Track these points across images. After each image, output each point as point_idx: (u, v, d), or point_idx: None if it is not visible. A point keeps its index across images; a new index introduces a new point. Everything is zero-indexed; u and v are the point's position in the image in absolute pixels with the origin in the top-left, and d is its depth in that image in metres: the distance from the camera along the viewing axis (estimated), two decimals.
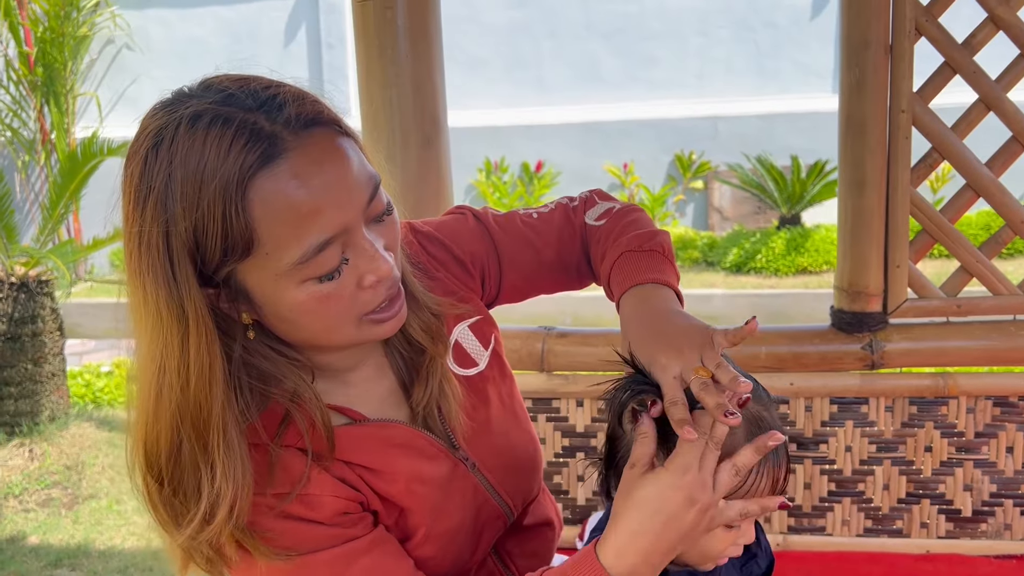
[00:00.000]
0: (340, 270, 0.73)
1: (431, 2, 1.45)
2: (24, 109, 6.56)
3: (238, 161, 0.68)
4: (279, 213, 0.69)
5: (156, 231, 0.70)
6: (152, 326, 0.72)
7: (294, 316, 0.75)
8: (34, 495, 3.19)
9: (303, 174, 0.70)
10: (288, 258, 0.71)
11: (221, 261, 0.71)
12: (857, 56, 1.47)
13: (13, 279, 3.45)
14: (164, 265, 0.70)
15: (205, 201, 0.69)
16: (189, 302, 0.71)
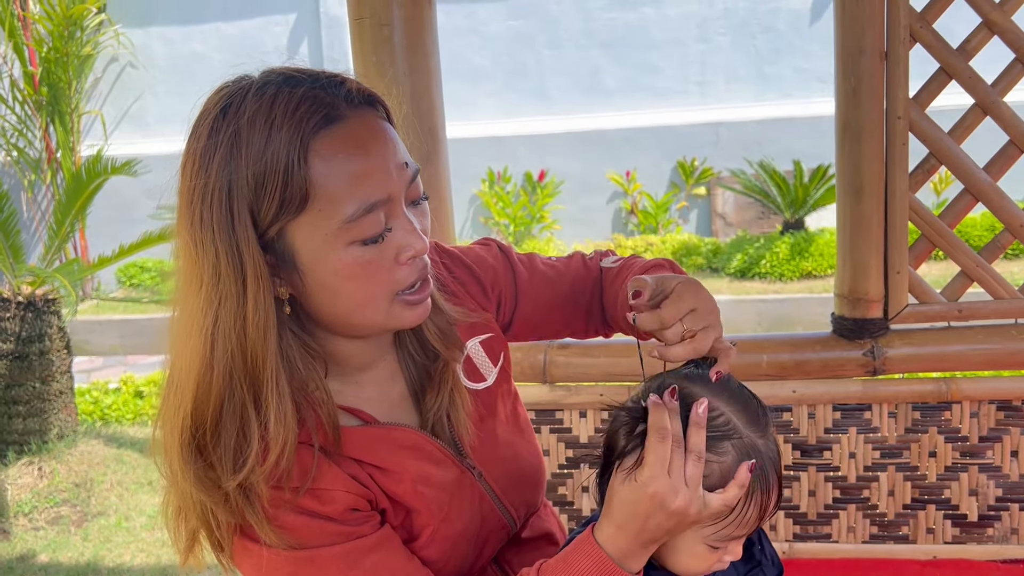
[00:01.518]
0: (383, 236, 0.78)
1: (428, 18, 1.46)
2: (30, 128, 6.61)
3: (302, 121, 0.75)
4: (335, 171, 0.75)
5: (219, 185, 0.74)
6: (208, 278, 0.75)
7: (336, 281, 0.78)
8: (43, 513, 3.20)
9: (359, 140, 0.77)
10: (339, 215, 0.75)
11: (276, 216, 0.75)
12: (852, 63, 1.48)
13: (20, 298, 3.48)
14: (225, 217, 0.74)
15: (269, 152, 0.74)
16: (248, 253, 0.75)
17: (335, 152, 0.75)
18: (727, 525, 0.84)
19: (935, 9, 1.48)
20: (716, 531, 0.84)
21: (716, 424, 0.84)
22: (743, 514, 0.84)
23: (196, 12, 7.18)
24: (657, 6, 6.81)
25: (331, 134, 0.76)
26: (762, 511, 0.85)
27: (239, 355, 0.76)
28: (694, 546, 0.86)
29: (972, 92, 1.49)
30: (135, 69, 7.28)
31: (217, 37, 7.23)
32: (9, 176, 6.91)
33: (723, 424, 0.84)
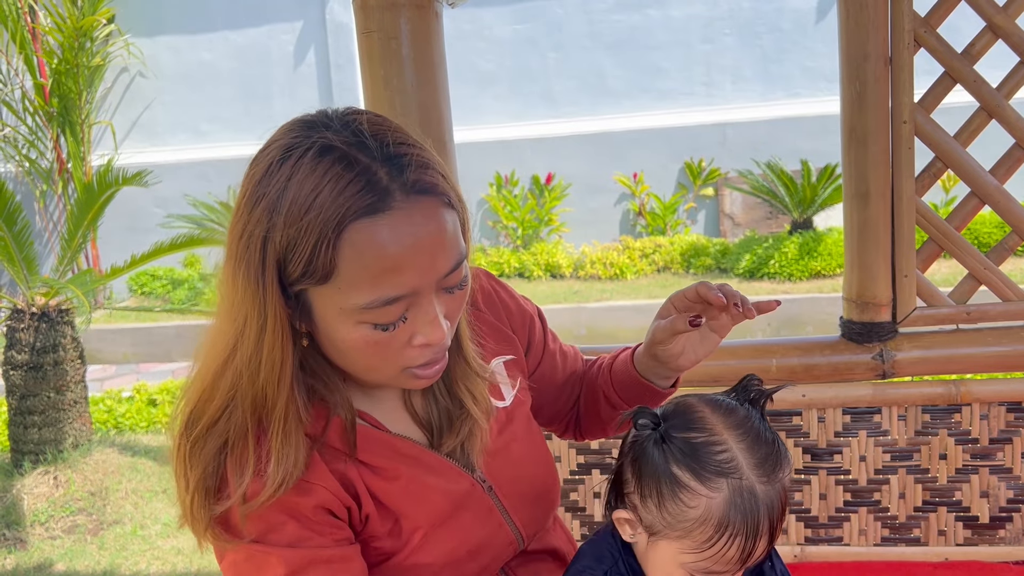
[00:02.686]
0: (396, 325, 0.78)
1: (435, 31, 1.48)
2: (41, 140, 6.67)
3: (346, 203, 0.74)
4: (364, 260, 0.75)
5: (258, 233, 0.76)
6: (236, 312, 0.79)
7: (343, 348, 0.80)
8: (59, 522, 3.23)
9: (399, 234, 0.75)
10: (356, 300, 0.76)
11: (298, 279, 0.77)
12: (857, 69, 1.48)
13: (34, 309, 3.51)
14: (257, 265, 0.77)
15: (304, 224, 0.74)
16: (270, 304, 0.77)
17: (368, 244, 0.74)
18: (705, 557, 0.83)
19: (939, 14, 1.49)
20: (695, 560, 0.84)
21: (718, 460, 0.83)
22: (723, 550, 0.83)
23: (203, 21, 7.23)
24: (662, 7, 6.82)
25: (370, 224, 0.74)
26: (744, 555, 0.84)
27: (249, 392, 0.80)
28: (672, 568, 0.86)
29: (977, 96, 1.49)
30: (144, 79, 7.33)
31: (224, 45, 7.28)
32: (22, 186, 6.97)
33: (725, 461, 0.83)
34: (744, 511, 0.82)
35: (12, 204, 3.47)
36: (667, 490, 0.84)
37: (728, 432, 0.84)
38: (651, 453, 0.85)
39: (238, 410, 0.80)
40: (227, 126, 7.38)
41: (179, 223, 6.19)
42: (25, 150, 6.67)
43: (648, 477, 0.85)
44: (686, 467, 0.83)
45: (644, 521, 0.87)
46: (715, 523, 0.82)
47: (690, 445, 0.84)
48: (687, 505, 0.83)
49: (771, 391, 0.90)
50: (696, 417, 0.86)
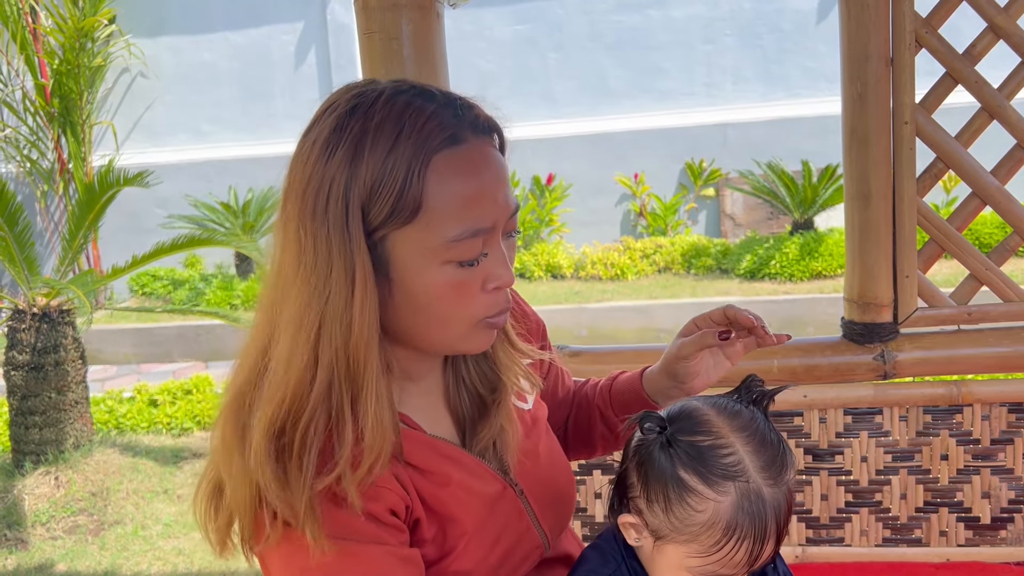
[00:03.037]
0: (477, 262, 0.78)
1: (437, 33, 1.48)
2: (42, 140, 6.67)
3: (429, 135, 0.75)
4: (449, 191, 0.76)
5: (338, 182, 0.75)
6: (317, 278, 0.75)
7: (425, 297, 0.78)
8: (61, 522, 3.23)
9: (476, 166, 0.78)
10: (444, 234, 0.76)
11: (383, 222, 0.75)
12: (858, 69, 1.48)
13: (35, 310, 3.51)
14: (341, 213, 0.74)
15: (391, 160, 0.74)
16: (359, 253, 0.75)
17: (453, 174, 0.76)
18: (712, 561, 0.83)
19: (940, 14, 1.49)
20: (702, 563, 0.84)
21: (725, 463, 0.83)
22: (730, 553, 0.82)
23: (204, 21, 7.23)
24: (662, 8, 6.82)
25: (452, 155, 0.77)
26: (752, 558, 0.83)
27: (343, 356, 0.76)
28: (679, 571, 0.86)
29: (978, 96, 1.49)
30: (145, 79, 7.34)
31: (225, 46, 7.28)
32: (22, 188, 6.98)
33: (732, 464, 0.83)
34: (751, 514, 0.82)
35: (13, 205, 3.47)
36: (674, 494, 0.83)
37: (734, 435, 0.84)
38: (657, 457, 0.85)
39: (336, 389, 0.76)
40: (228, 127, 7.38)
41: (180, 223, 6.19)
42: (26, 151, 6.67)
43: (654, 481, 0.85)
44: (693, 471, 0.83)
45: (650, 525, 0.86)
46: (723, 527, 0.82)
47: (696, 448, 0.83)
48: (694, 509, 0.82)
49: (773, 391, 0.90)
50: (702, 420, 0.85)
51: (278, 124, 7.31)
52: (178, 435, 4.11)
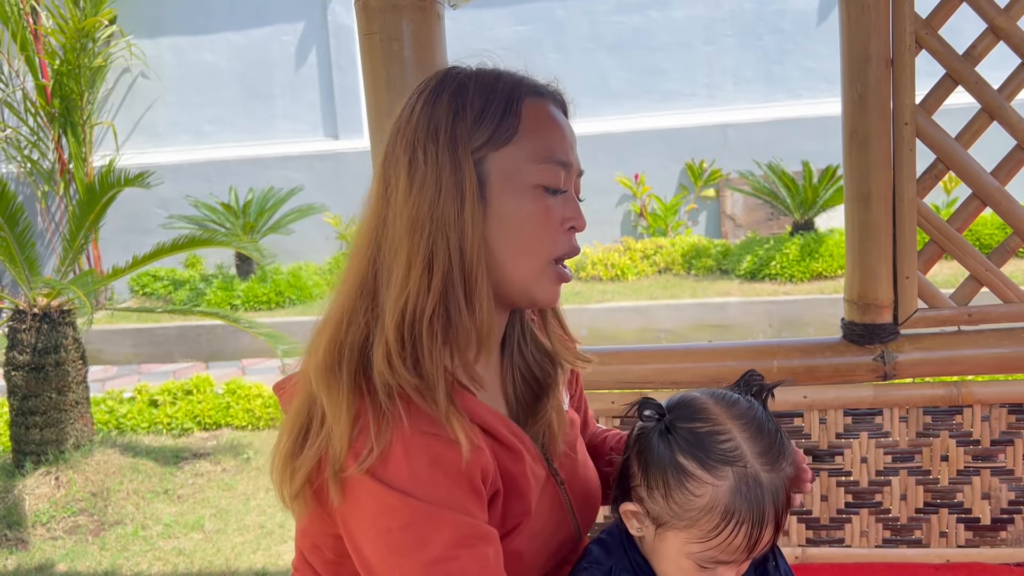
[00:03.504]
0: (560, 192, 0.88)
1: (437, 33, 1.48)
2: (42, 140, 6.68)
3: (520, 83, 0.90)
4: (540, 122, 0.89)
5: (447, 115, 0.86)
6: (430, 194, 0.84)
7: (514, 220, 0.86)
8: (61, 522, 3.23)
9: (556, 116, 0.91)
10: (535, 153, 0.87)
11: (485, 143, 0.86)
12: (859, 70, 1.48)
13: (36, 310, 3.52)
14: (448, 140, 0.85)
15: (492, 95, 0.88)
16: (467, 169, 0.85)
17: (541, 111, 0.89)
18: (712, 546, 0.84)
19: (940, 15, 1.49)
20: (702, 549, 0.85)
21: (723, 448, 0.84)
22: (729, 538, 0.83)
23: (205, 22, 7.24)
24: (663, 9, 6.82)
25: (538, 102, 0.90)
26: (751, 543, 0.84)
27: (457, 260, 0.84)
28: (679, 558, 0.87)
29: (978, 97, 1.49)
30: (146, 80, 7.34)
31: (226, 46, 7.28)
32: (23, 188, 6.98)
33: (730, 450, 0.84)
34: (749, 499, 0.83)
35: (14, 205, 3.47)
36: (673, 480, 0.84)
37: (732, 422, 0.85)
38: (656, 444, 0.86)
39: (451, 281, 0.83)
40: (228, 127, 7.39)
41: (180, 224, 6.20)
42: (27, 151, 6.68)
43: (654, 468, 0.86)
44: (691, 456, 0.84)
45: (651, 513, 0.88)
46: (721, 511, 0.83)
47: (695, 435, 0.85)
48: (693, 494, 0.84)
49: (772, 386, 0.92)
50: (700, 408, 0.87)
51: (279, 124, 7.32)
52: (178, 435, 4.11)
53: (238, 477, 3.61)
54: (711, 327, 5.25)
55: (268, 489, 3.48)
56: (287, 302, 6.17)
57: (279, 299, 6.17)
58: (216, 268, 6.82)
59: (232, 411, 4.20)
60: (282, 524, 3.16)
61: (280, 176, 7.02)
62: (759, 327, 5.24)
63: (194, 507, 3.36)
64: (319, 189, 6.97)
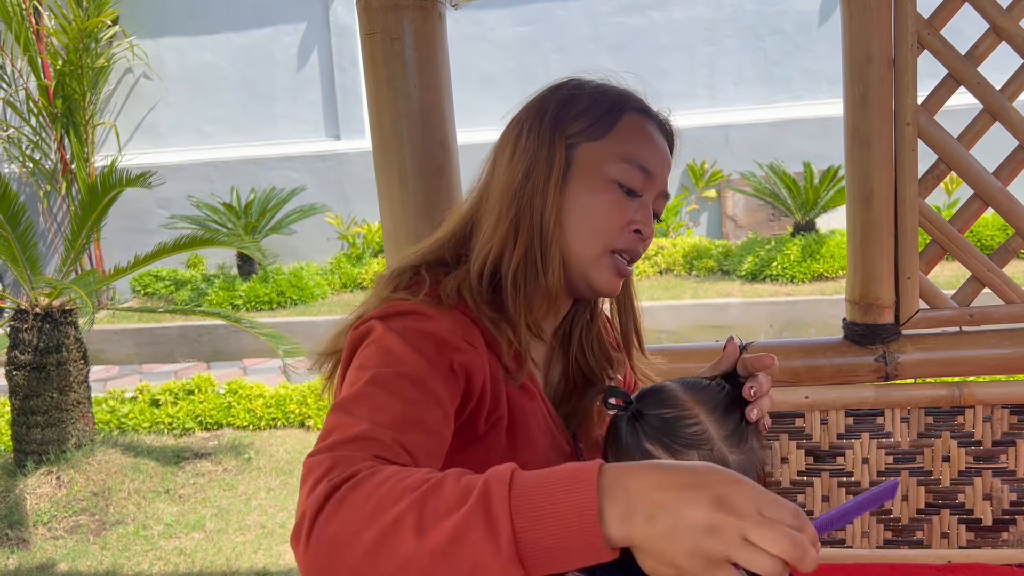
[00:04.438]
0: (634, 195, 0.97)
1: (439, 33, 1.48)
2: (45, 140, 6.68)
3: (631, 98, 1.01)
4: (633, 132, 0.98)
5: (559, 101, 0.99)
6: (527, 163, 0.96)
7: (584, 205, 0.96)
8: (62, 522, 3.24)
9: (655, 136, 1.00)
10: (620, 152, 0.96)
11: (579, 132, 0.97)
12: (860, 71, 1.48)
13: (38, 310, 3.52)
14: (551, 122, 0.97)
15: (601, 97, 1.00)
16: (558, 149, 0.96)
17: (639, 126, 0.99)
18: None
19: (942, 16, 1.49)
20: None
21: (689, 432, 0.86)
22: None
23: (207, 23, 7.24)
24: (664, 10, 6.82)
25: (641, 118, 1.00)
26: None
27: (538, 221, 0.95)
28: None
29: (981, 98, 1.49)
30: (148, 80, 7.35)
31: (228, 47, 7.29)
32: (25, 188, 6.99)
33: (696, 434, 0.86)
34: None
35: (16, 205, 3.48)
36: None
37: (699, 407, 0.87)
38: (624, 432, 0.89)
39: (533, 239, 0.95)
40: (230, 127, 7.39)
41: (182, 224, 6.20)
42: (29, 151, 6.69)
43: (623, 455, 0.88)
44: (658, 442, 0.86)
45: None
46: None
47: (662, 420, 0.87)
48: None
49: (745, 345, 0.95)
50: (668, 395, 0.89)
51: (280, 125, 7.32)
52: (180, 435, 4.12)
53: (239, 477, 3.61)
54: (712, 328, 5.24)
55: (269, 489, 3.48)
56: (288, 302, 6.17)
57: (280, 299, 6.17)
58: (218, 268, 6.82)
59: (233, 411, 4.20)
60: (283, 524, 3.16)
61: (282, 176, 7.03)
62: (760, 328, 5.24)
63: (195, 507, 3.36)
64: (321, 189, 6.98)
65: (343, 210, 6.99)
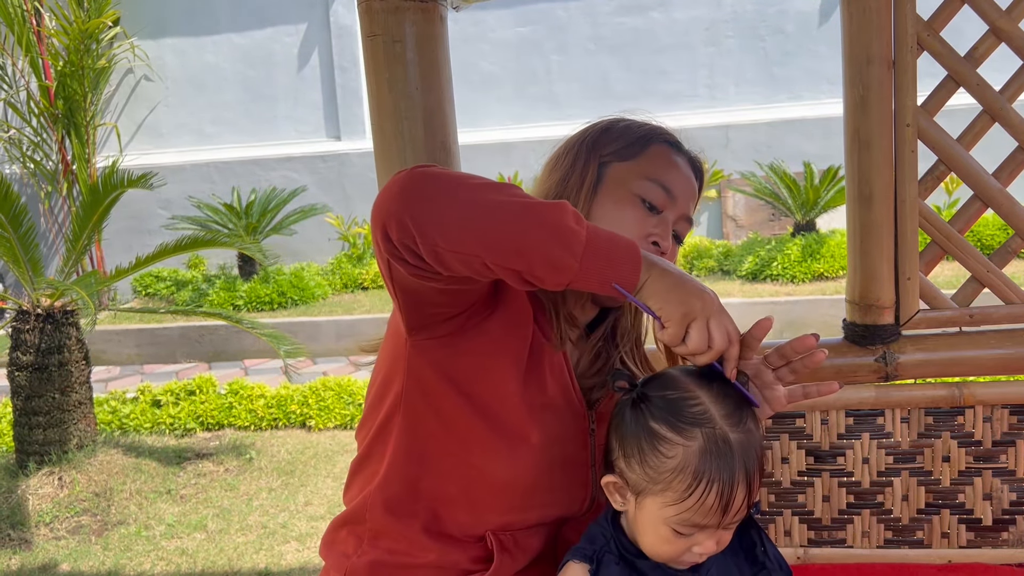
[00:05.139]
0: (654, 209, 1.08)
1: (440, 35, 1.48)
2: (46, 141, 6.69)
3: (661, 133, 1.15)
4: (659, 159, 1.11)
5: (598, 131, 1.15)
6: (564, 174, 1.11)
7: (608, 215, 1.07)
8: (64, 523, 3.24)
9: (681, 166, 1.13)
10: (645, 172, 1.09)
11: (611, 152, 1.11)
12: (860, 72, 1.49)
13: (39, 311, 3.52)
14: (590, 144, 1.12)
15: (634, 128, 1.15)
16: (592, 165, 1.10)
17: (666, 154, 1.12)
18: (686, 507, 0.89)
19: (942, 17, 1.49)
20: (677, 512, 0.89)
21: (692, 412, 0.90)
22: (702, 498, 0.88)
23: (208, 23, 7.25)
24: (665, 10, 6.82)
25: (670, 149, 1.13)
26: (723, 503, 0.88)
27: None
28: (658, 526, 0.91)
29: (980, 99, 1.49)
30: (149, 81, 7.35)
31: (229, 48, 7.30)
32: (26, 189, 7.00)
33: (699, 413, 0.90)
34: (719, 456, 0.88)
35: (17, 206, 3.48)
36: (647, 445, 0.91)
37: (701, 390, 0.92)
38: (630, 414, 0.94)
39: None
40: (231, 128, 7.40)
41: (183, 225, 6.21)
42: (30, 152, 6.69)
43: (630, 436, 0.93)
44: (663, 421, 0.91)
45: (629, 483, 0.94)
46: (692, 470, 0.88)
47: (666, 401, 0.92)
48: (666, 456, 0.89)
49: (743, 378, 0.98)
50: (671, 378, 0.95)
51: (281, 125, 7.33)
52: (181, 436, 4.12)
53: (241, 477, 3.62)
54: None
55: (271, 489, 3.49)
56: (289, 303, 6.18)
57: (281, 300, 6.18)
58: (219, 269, 6.83)
59: (235, 411, 4.21)
60: (284, 524, 3.16)
61: (282, 177, 7.03)
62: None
63: (197, 507, 3.36)
64: (321, 190, 6.98)
65: (344, 210, 6.99)
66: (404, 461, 1.03)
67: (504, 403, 1.01)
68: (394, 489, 1.04)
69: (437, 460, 1.02)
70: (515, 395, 1.01)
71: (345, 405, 4.16)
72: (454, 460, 1.01)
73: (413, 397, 1.02)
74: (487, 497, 1.02)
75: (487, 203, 0.87)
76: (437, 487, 1.03)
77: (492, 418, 1.00)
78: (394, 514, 1.04)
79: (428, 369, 1.01)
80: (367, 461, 1.09)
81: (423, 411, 1.02)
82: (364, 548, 1.06)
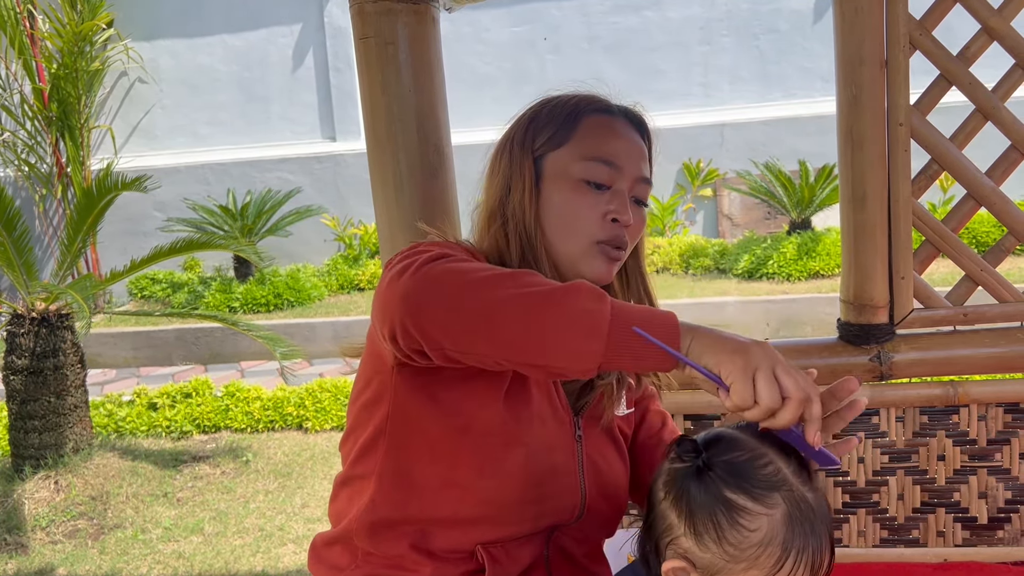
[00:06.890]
0: (602, 189, 1.04)
1: (432, 36, 1.48)
2: (40, 144, 6.67)
3: (590, 102, 1.09)
4: (594, 132, 1.06)
5: (524, 125, 1.09)
6: (504, 179, 1.07)
7: (559, 205, 1.03)
8: (61, 527, 3.24)
9: (617, 129, 1.08)
10: (582, 153, 1.04)
11: (543, 144, 1.06)
12: (853, 72, 1.49)
13: (34, 314, 3.52)
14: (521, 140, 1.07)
15: (560, 110, 1.08)
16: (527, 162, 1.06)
17: (598, 125, 1.06)
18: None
19: (934, 17, 1.49)
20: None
21: (765, 473, 0.80)
22: (794, 569, 0.79)
23: (202, 25, 7.23)
24: (659, 9, 6.83)
25: (601, 117, 1.07)
26: (814, 570, 0.80)
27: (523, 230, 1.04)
28: None
29: (973, 98, 1.50)
30: (143, 83, 7.34)
31: (223, 49, 7.28)
32: (21, 192, 6.98)
33: (772, 473, 0.80)
34: (803, 522, 0.79)
35: (12, 209, 3.47)
36: (724, 519, 0.79)
37: (765, 447, 0.82)
38: (696, 485, 0.82)
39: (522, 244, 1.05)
40: (226, 130, 7.38)
41: (178, 227, 6.20)
42: (24, 155, 6.67)
43: (699, 510, 0.81)
44: (738, 488, 0.79)
45: (699, 564, 0.81)
46: (780, 541, 0.78)
47: (735, 466, 0.81)
48: (748, 529, 0.79)
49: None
50: (733, 439, 0.83)
51: (276, 127, 7.31)
52: (177, 438, 4.11)
53: (237, 480, 3.61)
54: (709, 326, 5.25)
55: (268, 492, 3.48)
56: (285, 304, 6.17)
57: (277, 301, 6.17)
58: (214, 270, 6.82)
59: (231, 414, 4.20)
60: (281, 527, 3.16)
61: (278, 178, 7.02)
62: (757, 326, 5.24)
63: (193, 510, 3.36)
64: (317, 191, 6.97)
65: (340, 211, 6.99)
66: (391, 486, 1.02)
67: (490, 420, 0.98)
68: (381, 513, 1.02)
69: (424, 482, 1.00)
70: (500, 412, 0.98)
71: (342, 407, 4.16)
72: (441, 481, 0.99)
73: (398, 421, 1.00)
74: (476, 514, 1.00)
75: (493, 301, 0.83)
76: (425, 509, 1.00)
77: (478, 436, 0.98)
78: (382, 537, 1.02)
79: (413, 393, 0.99)
80: (351, 478, 1.08)
81: (409, 434, 1.00)
82: (358, 562, 1.05)
